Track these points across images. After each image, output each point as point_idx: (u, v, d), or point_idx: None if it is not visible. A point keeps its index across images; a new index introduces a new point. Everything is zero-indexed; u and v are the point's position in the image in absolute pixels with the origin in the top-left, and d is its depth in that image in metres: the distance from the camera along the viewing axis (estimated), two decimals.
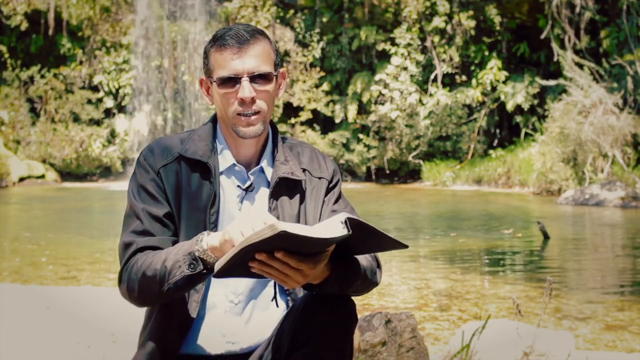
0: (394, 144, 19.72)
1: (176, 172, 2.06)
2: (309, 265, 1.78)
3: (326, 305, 1.88)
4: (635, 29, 17.37)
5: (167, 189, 2.05)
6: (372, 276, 2.02)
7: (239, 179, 2.10)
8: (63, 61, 20.54)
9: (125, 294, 1.98)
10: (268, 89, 2.02)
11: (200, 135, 2.11)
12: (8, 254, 7.95)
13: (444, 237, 9.63)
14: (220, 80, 2.01)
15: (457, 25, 19.36)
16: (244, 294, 2.06)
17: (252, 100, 2.00)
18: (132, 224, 2.02)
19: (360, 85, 19.71)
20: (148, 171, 2.06)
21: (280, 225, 1.65)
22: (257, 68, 2.00)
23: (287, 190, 2.10)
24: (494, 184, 18.03)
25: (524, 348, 3.30)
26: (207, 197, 2.04)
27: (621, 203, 13.62)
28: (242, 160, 2.10)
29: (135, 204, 2.04)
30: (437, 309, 5.39)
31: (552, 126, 16.81)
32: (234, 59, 2.00)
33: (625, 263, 8.04)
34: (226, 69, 2.00)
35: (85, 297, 4.94)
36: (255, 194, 2.10)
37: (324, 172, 2.18)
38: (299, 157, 2.17)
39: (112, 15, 20.58)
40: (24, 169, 19.10)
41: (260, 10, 20.02)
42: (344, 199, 2.21)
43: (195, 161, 2.06)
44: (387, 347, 3.03)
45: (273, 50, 2.06)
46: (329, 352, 1.87)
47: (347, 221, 1.72)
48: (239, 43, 2.00)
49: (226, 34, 2.02)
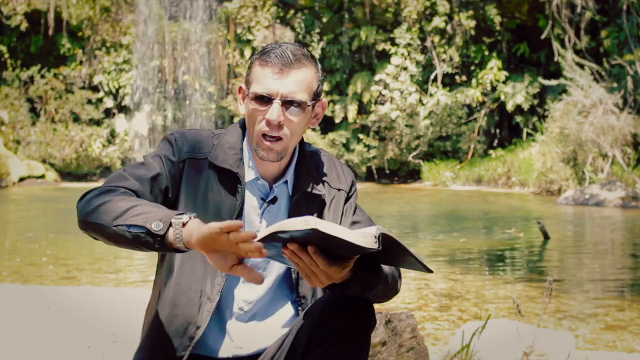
0: (394, 144, 19.72)
1: (200, 172, 2.03)
2: (336, 269, 1.78)
3: (345, 307, 1.87)
4: (635, 29, 17.37)
5: (182, 181, 2.02)
6: (393, 283, 2.01)
7: (262, 191, 2.07)
8: (63, 61, 20.54)
9: (80, 205, 1.89)
10: (298, 118, 1.98)
11: (230, 142, 2.07)
12: (8, 254, 7.94)
13: (444, 237, 9.63)
14: (254, 95, 1.97)
15: (457, 25, 19.36)
16: (253, 303, 2.05)
17: (279, 124, 1.96)
18: (137, 168, 1.98)
19: (360, 85, 19.71)
20: (174, 153, 2.03)
21: (314, 222, 1.64)
22: (292, 94, 1.95)
23: (307, 203, 2.08)
24: (494, 184, 18.03)
25: (524, 348, 3.30)
26: (231, 208, 2.02)
27: (621, 203, 13.62)
28: (265, 173, 2.07)
29: (152, 163, 2.00)
30: (437, 309, 5.39)
31: (552, 126, 16.81)
32: (273, 78, 1.95)
33: (625, 263, 8.04)
34: (263, 85, 1.96)
35: (85, 297, 4.94)
36: (277, 207, 2.08)
37: (342, 183, 2.16)
38: (318, 167, 2.15)
39: (112, 15, 20.57)
40: (24, 169, 19.10)
41: (260, 10, 20.02)
42: (360, 209, 2.21)
43: (224, 170, 2.03)
44: (387, 347, 3.03)
45: (317, 79, 2.01)
46: (345, 353, 1.85)
47: (380, 236, 1.71)
48: (282, 64, 1.95)
49: (273, 51, 1.97)
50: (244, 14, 19.95)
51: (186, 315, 1.99)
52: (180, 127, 20.47)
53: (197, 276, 2.02)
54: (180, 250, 1.73)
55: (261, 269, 2.06)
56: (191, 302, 2.00)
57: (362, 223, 2.15)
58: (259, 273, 1.70)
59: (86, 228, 1.87)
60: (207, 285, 2.00)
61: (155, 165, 2.00)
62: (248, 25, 19.98)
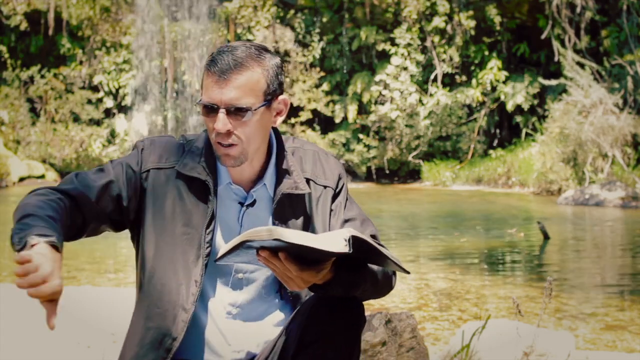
0: (394, 144, 19.72)
1: (167, 181, 2.00)
2: (310, 274, 1.77)
3: (333, 307, 1.86)
4: (635, 29, 17.36)
5: (146, 191, 1.99)
6: (385, 280, 1.97)
7: (239, 194, 2.03)
8: (63, 61, 20.53)
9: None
10: (247, 123, 1.92)
11: (199, 148, 2.02)
12: (8, 254, 7.94)
13: (444, 237, 9.62)
14: (201, 106, 1.94)
15: (457, 25, 19.35)
16: (241, 307, 2.03)
17: (228, 132, 1.91)
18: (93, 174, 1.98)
19: (360, 85, 19.71)
20: (138, 162, 2.01)
21: (277, 231, 1.64)
22: (235, 101, 1.89)
23: (291, 204, 2.03)
24: (494, 184, 18.03)
25: (524, 348, 3.30)
26: (203, 215, 1.97)
27: (621, 203, 13.62)
28: (240, 177, 2.02)
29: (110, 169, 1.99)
30: (437, 309, 5.39)
31: (552, 126, 16.80)
32: (214, 87, 1.90)
33: (625, 263, 8.04)
34: (207, 95, 1.92)
35: (85, 297, 4.94)
36: (258, 210, 2.03)
37: (328, 178, 2.09)
38: (302, 162, 2.09)
39: (112, 15, 20.57)
40: (24, 169, 19.09)
41: (260, 10, 20.01)
42: (352, 203, 2.13)
43: (193, 178, 1.98)
44: (387, 347, 3.03)
45: (266, 78, 1.94)
46: (336, 353, 1.85)
47: (350, 239, 1.70)
48: (220, 71, 1.90)
49: (214, 58, 1.93)
50: (244, 14, 19.95)
51: (161, 327, 1.96)
52: (180, 127, 20.48)
53: (169, 288, 1.97)
54: None
55: (247, 272, 2.03)
56: (164, 313, 1.96)
57: (355, 220, 2.08)
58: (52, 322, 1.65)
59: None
60: (181, 295, 1.96)
61: (111, 172, 1.98)
62: (248, 25, 19.97)
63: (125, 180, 1.98)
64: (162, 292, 1.98)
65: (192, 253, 1.97)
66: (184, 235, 1.97)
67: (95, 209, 1.94)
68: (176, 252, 1.97)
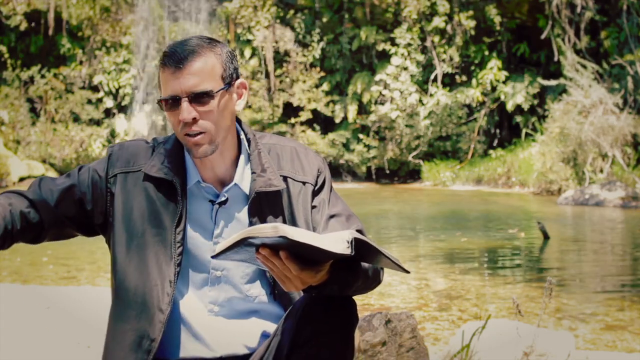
0: (394, 144, 19.72)
1: (137, 185, 2.00)
2: (309, 274, 1.77)
3: (326, 305, 1.86)
4: (635, 29, 17.36)
5: (115, 196, 2.01)
6: (374, 275, 1.97)
7: (210, 193, 2.02)
8: (63, 61, 20.54)
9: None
10: (211, 108, 1.92)
11: (167, 149, 2.03)
12: (8, 254, 7.94)
13: (444, 237, 9.63)
14: (163, 101, 1.94)
15: (457, 25, 19.35)
16: (222, 305, 2.02)
17: (194, 120, 1.91)
18: (59, 178, 2.05)
19: (360, 85, 19.71)
20: (105, 167, 2.04)
21: (283, 229, 1.64)
22: (195, 87, 1.90)
23: (268, 202, 2.01)
24: (494, 184, 18.03)
25: (524, 348, 3.30)
26: (172, 216, 1.98)
27: (621, 203, 13.62)
28: (211, 175, 2.02)
29: (74, 174, 2.04)
30: (437, 309, 5.39)
31: (552, 126, 16.80)
32: (172, 79, 1.91)
33: (625, 263, 8.04)
34: (166, 89, 1.93)
35: (85, 297, 4.94)
36: (233, 210, 2.02)
37: (307, 174, 2.06)
38: (279, 160, 2.06)
39: (112, 15, 20.57)
40: (24, 169, 19.10)
41: (260, 10, 20.01)
42: (336, 198, 2.10)
43: (160, 179, 1.99)
44: (387, 347, 3.03)
45: (222, 62, 1.95)
46: (330, 352, 1.85)
47: (352, 241, 1.69)
48: (175, 62, 1.91)
49: (166, 52, 1.94)
50: (244, 14, 19.95)
51: (138, 330, 1.97)
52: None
53: (142, 289, 1.98)
54: None
55: (224, 270, 2.01)
56: (140, 315, 1.96)
57: (341, 216, 2.06)
58: None
59: None
60: (156, 296, 1.96)
61: (75, 177, 2.03)
62: (248, 25, 19.97)
63: (90, 184, 2.02)
64: (135, 294, 1.99)
65: (164, 253, 1.97)
66: (155, 237, 1.98)
67: (54, 213, 2.00)
68: (148, 253, 1.97)
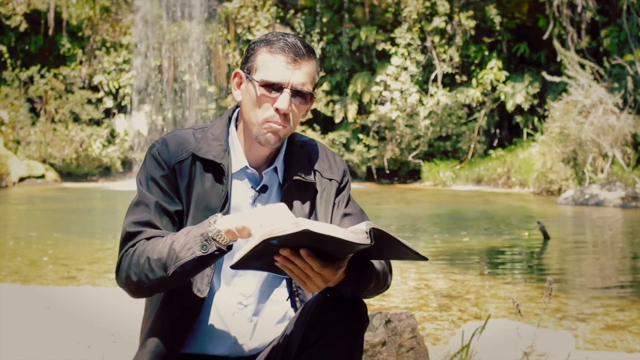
0: (394, 144, 19.72)
1: (190, 169, 2.03)
2: (331, 271, 1.77)
3: (337, 307, 1.88)
4: (635, 29, 17.37)
5: (179, 186, 2.02)
6: (384, 279, 2.01)
7: (252, 180, 2.07)
8: (63, 61, 20.54)
9: (122, 281, 1.94)
10: (302, 109, 2.01)
11: (214, 134, 2.06)
12: (8, 253, 7.94)
13: (444, 237, 9.63)
14: (263, 82, 1.97)
15: (457, 25, 19.35)
16: (253, 296, 2.04)
17: (286, 114, 1.98)
18: (140, 213, 1.98)
19: (360, 85, 19.71)
20: (162, 166, 2.02)
21: (305, 223, 1.64)
22: (302, 85, 1.98)
23: (299, 192, 2.07)
24: (494, 184, 18.03)
25: (524, 348, 3.30)
26: (218, 198, 2.01)
27: (621, 203, 13.62)
28: (254, 162, 2.07)
29: (147, 195, 2.00)
30: (437, 309, 5.39)
31: (552, 126, 16.80)
32: (286, 67, 1.96)
33: (625, 263, 8.04)
34: (275, 74, 1.96)
35: (85, 297, 4.94)
36: (269, 196, 2.07)
37: (334, 173, 2.15)
38: (309, 156, 2.14)
39: (112, 15, 20.57)
40: (24, 169, 19.10)
41: (260, 10, 20.02)
42: (353, 201, 2.19)
43: (208, 161, 2.02)
44: (387, 347, 3.03)
45: (317, 73, 2.05)
46: (338, 353, 1.86)
47: (371, 231, 1.70)
48: (295, 54, 1.97)
49: (283, 39, 1.98)
50: (244, 14, 19.95)
51: (180, 312, 1.99)
52: (180, 127, 20.46)
53: None
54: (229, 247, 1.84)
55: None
56: (180, 296, 1.98)
57: (354, 216, 2.13)
58: None
59: (147, 294, 1.96)
60: (196, 278, 1.99)
61: (150, 197, 2.00)
62: (248, 25, 19.97)
63: (167, 190, 2.02)
64: None
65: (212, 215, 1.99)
66: (203, 217, 1.99)
67: (169, 228, 2.00)
68: None
